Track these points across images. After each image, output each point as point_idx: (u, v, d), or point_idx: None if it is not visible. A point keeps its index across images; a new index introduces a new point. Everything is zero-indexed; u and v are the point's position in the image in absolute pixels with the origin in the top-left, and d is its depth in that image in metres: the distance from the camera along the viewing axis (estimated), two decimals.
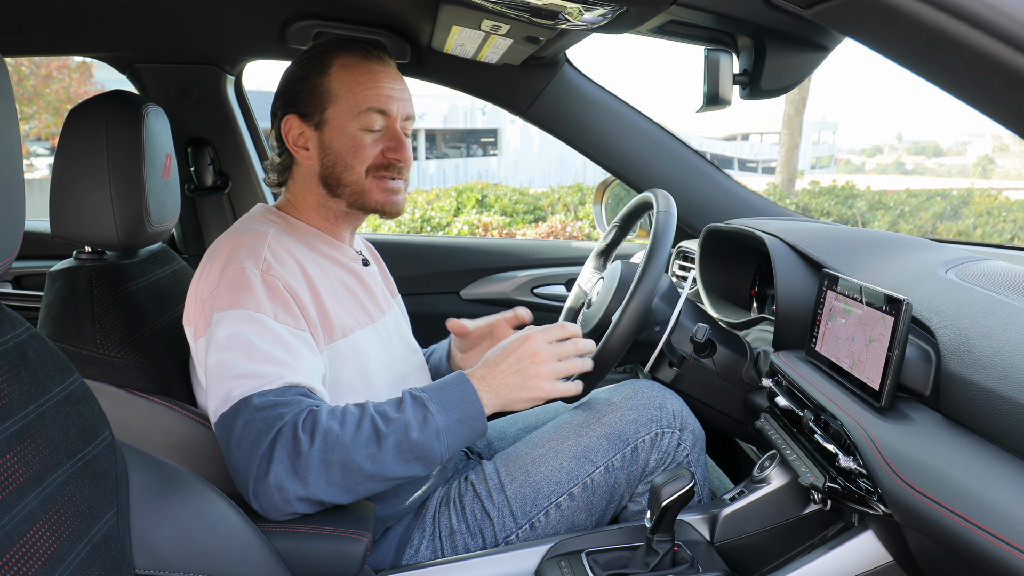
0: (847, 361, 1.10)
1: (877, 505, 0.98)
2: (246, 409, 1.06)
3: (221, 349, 1.11)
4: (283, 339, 1.12)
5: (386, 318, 1.42)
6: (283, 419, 1.04)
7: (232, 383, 1.08)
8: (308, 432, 1.04)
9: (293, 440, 1.03)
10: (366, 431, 1.06)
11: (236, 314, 1.12)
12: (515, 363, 1.17)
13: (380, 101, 1.29)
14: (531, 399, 1.17)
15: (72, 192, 1.28)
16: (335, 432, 1.05)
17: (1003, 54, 0.45)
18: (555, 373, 1.18)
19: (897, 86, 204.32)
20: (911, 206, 9.91)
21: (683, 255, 2.05)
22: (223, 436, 1.08)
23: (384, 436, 1.07)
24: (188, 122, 2.26)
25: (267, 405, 1.05)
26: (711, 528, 1.31)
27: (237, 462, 1.05)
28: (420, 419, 1.09)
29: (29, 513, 0.73)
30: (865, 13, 0.49)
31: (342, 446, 1.04)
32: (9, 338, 0.79)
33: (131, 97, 1.34)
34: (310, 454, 1.03)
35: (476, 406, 1.14)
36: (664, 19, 1.33)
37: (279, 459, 1.02)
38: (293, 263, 1.22)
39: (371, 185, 1.31)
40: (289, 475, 1.02)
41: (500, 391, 1.16)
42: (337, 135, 1.29)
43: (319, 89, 1.29)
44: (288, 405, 1.06)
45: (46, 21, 1.76)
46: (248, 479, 1.04)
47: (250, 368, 1.08)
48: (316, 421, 1.05)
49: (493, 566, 1.25)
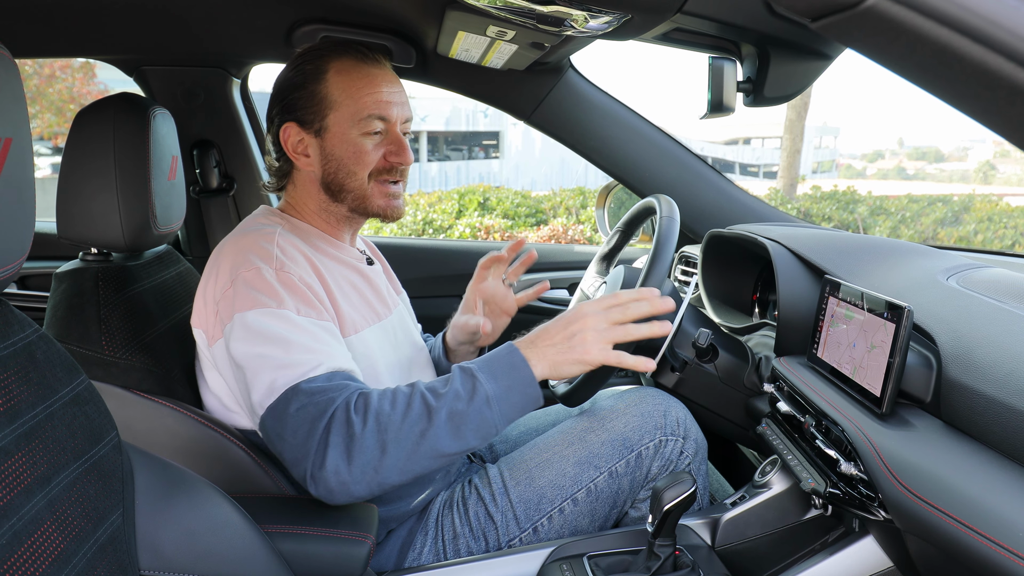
0: (848, 367, 1.11)
1: (878, 511, 0.98)
2: (296, 396, 1.05)
3: (253, 346, 1.10)
4: (311, 331, 1.13)
5: (392, 316, 1.42)
6: (335, 403, 1.05)
7: (275, 374, 1.07)
8: (361, 414, 1.04)
9: (347, 423, 1.03)
10: (416, 408, 1.06)
11: (260, 312, 1.12)
12: (564, 326, 1.14)
13: (380, 107, 1.29)
14: (578, 360, 1.11)
15: (79, 194, 1.29)
16: (386, 412, 1.04)
17: (1004, 68, 0.46)
18: (605, 337, 1.12)
19: (899, 92, 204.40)
20: (912, 211, 9.91)
21: (685, 260, 2.06)
22: (274, 426, 1.07)
23: (435, 411, 1.05)
24: (194, 124, 2.27)
25: (317, 391, 1.06)
26: (712, 532, 1.31)
27: (293, 450, 1.05)
28: (469, 389, 1.08)
29: (36, 514, 0.74)
30: (869, 27, 0.50)
31: (394, 425, 1.04)
32: (18, 339, 0.80)
33: (138, 100, 1.35)
34: (364, 436, 1.03)
35: (526, 371, 1.10)
36: (669, 27, 1.34)
37: (334, 443, 1.02)
38: (303, 259, 1.23)
39: (373, 190, 1.32)
40: (344, 460, 1.02)
41: (547, 353, 1.12)
42: (339, 142, 1.29)
43: (317, 96, 1.29)
44: (338, 390, 1.06)
45: (54, 23, 1.77)
46: (306, 466, 1.03)
47: (289, 359, 1.08)
48: (368, 403, 1.05)
49: (495, 569, 1.26)
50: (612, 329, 1.13)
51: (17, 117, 0.74)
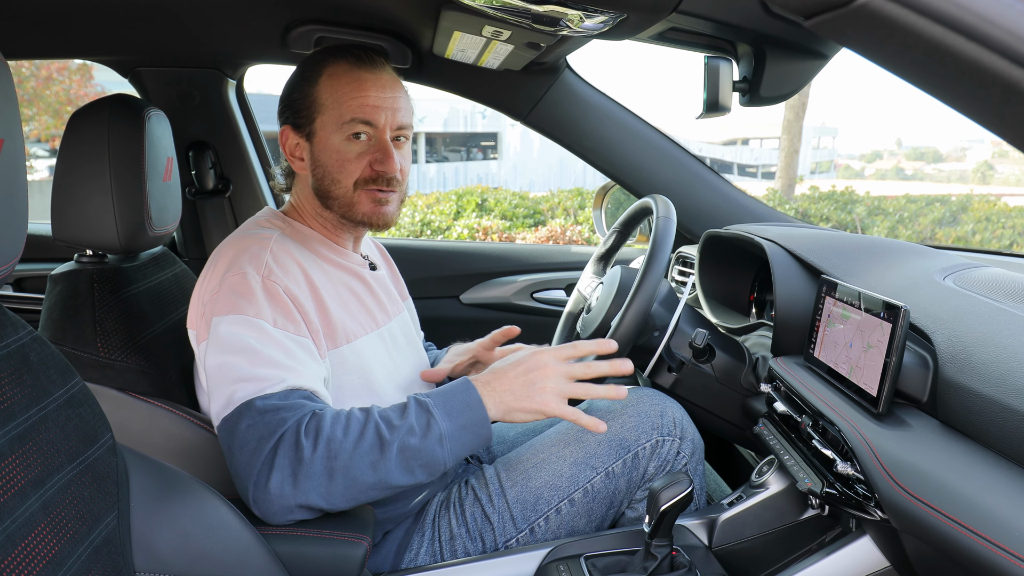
0: (845, 367, 1.11)
1: (874, 511, 0.98)
2: (248, 413, 1.05)
3: (222, 353, 1.10)
4: (283, 344, 1.12)
5: (392, 323, 1.42)
6: (286, 424, 1.04)
7: (235, 386, 1.07)
8: (311, 438, 1.03)
9: (295, 447, 1.03)
10: (369, 438, 1.05)
11: (235, 319, 1.12)
12: (523, 373, 1.15)
13: (364, 111, 1.26)
14: (533, 410, 1.13)
15: (74, 195, 1.29)
16: (338, 439, 1.04)
17: (999, 66, 0.46)
18: (563, 391, 1.14)
19: (897, 92, 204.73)
20: (910, 212, 9.92)
21: (682, 260, 2.06)
22: (225, 440, 1.07)
23: (388, 443, 1.05)
24: (189, 126, 2.27)
25: (270, 409, 1.05)
26: (709, 533, 1.31)
27: (239, 466, 1.05)
28: (424, 424, 1.08)
29: (31, 516, 0.73)
30: (863, 25, 0.50)
31: (345, 453, 1.03)
32: (11, 341, 0.80)
33: (133, 101, 1.35)
34: (312, 461, 1.02)
35: (480, 412, 1.11)
36: (664, 26, 1.34)
37: (280, 466, 1.02)
38: (296, 268, 1.22)
39: (360, 197, 1.29)
40: (290, 483, 1.02)
41: (504, 397, 1.13)
42: (324, 148, 1.28)
43: (309, 99, 1.27)
44: (291, 409, 1.05)
45: (49, 24, 1.77)
46: (248, 485, 1.03)
47: (252, 372, 1.08)
48: (320, 427, 1.04)
49: (492, 570, 1.25)
50: (572, 385, 1.15)
51: (9, 118, 0.74)
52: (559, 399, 1.14)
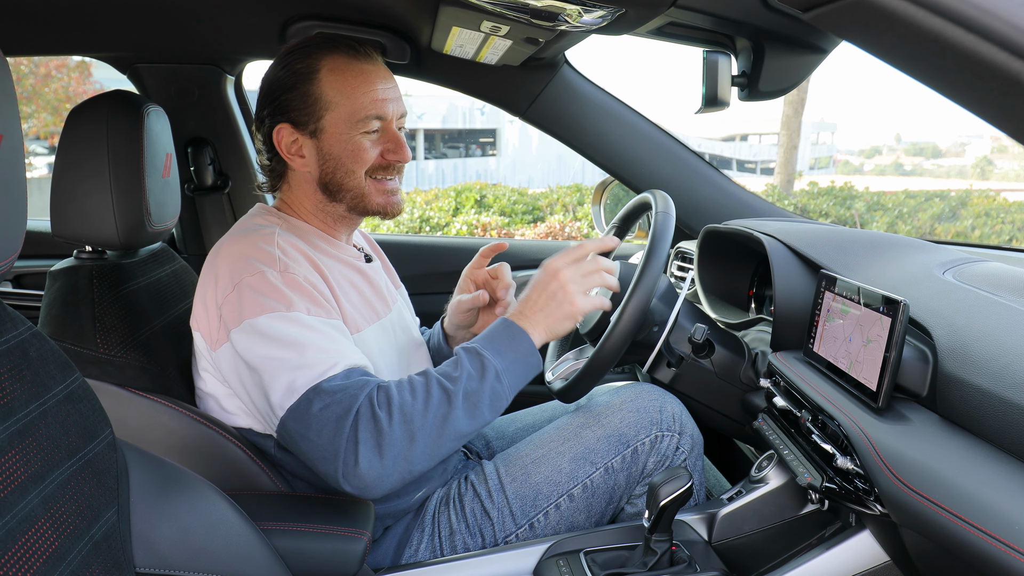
0: (845, 362, 1.11)
1: (874, 505, 0.98)
2: (318, 396, 1.08)
3: (268, 349, 1.12)
4: (323, 330, 1.14)
5: (392, 313, 1.42)
6: (358, 400, 1.07)
7: (293, 374, 1.09)
8: (385, 409, 1.07)
9: (373, 419, 1.06)
10: (436, 395, 1.10)
11: (271, 317, 1.13)
12: (544, 289, 1.22)
13: (377, 106, 1.27)
14: (568, 316, 1.21)
15: (73, 192, 1.29)
16: (409, 403, 1.09)
17: (998, 58, 0.46)
18: (583, 287, 1.23)
19: (896, 87, 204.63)
20: (909, 207, 9.92)
21: (681, 256, 2.05)
22: (296, 428, 1.09)
23: (453, 394, 1.11)
24: (188, 122, 2.26)
25: (338, 389, 1.08)
26: (709, 528, 1.31)
27: (322, 450, 1.07)
28: (479, 367, 1.14)
29: (31, 511, 0.73)
30: (862, 17, 0.50)
31: (419, 414, 1.08)
32: (11, 337, 0.80)
33: (132, 97, 1.35)
34: (392, 430, 1.06)
35: (526, 342, 1.19)
36: (663, 21, 1.34)
37: (364, 440, 1.05)
38: (304, 259, 1.23)
39: (371, 188, 1.31)
40: (376, 455, 1.05)
41: (538, 318, 1.21)
42: (336, 142, 1.28)
43: (311, 97, 1.27)
44: (358, 387, 1.09)
45: (47, 21, 1.77)
46: (337, 465, 1.06)
47: (305, 360, 1.10)
48: (390, 396, 1.09)
49: (491, 565, 1.26)
50: (588, 279, 1.24)
51: (8, 114, 0.74)
52: (583, 296, 1.22)
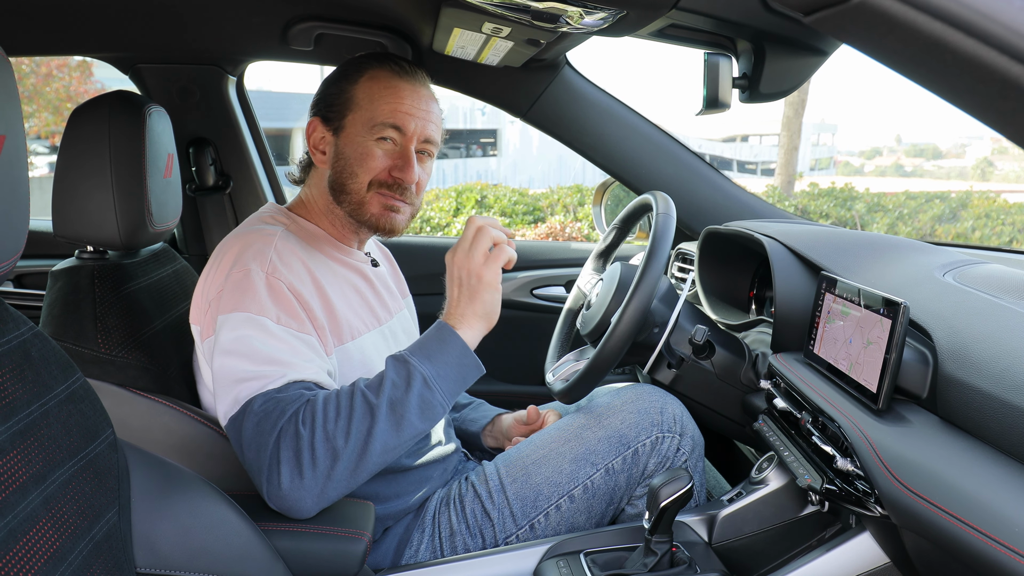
0: (845, 363, 1.11)
1: (874, 507, 0.98)
2: (252, 410, 1.07)
3: (226, 353, 1.12)
4: (286, 341, 1.13)
5: (393, 321, 1.42)
6: (285, 415, 1.05)
7: (239, 386, 1.09)
8: (308, 427, 1.05)
9: (296, 437, 1.04)
10: (359, 409, 1.07)
11: (239, 317, 1.13)
12: (458, 284, 1.20)
13: (396, 117, 1.29)
14: (487, 288, 1.19)
15: (74, 192, 1.29)
16: (332, 419, 1.05)
17: (997, 62, 0.46)
18: (478, 256, 1.20)
19: (896, 88, 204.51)
20: (910, 208, 9.92)
21: (682, 257, 2.06)
22: (235, 438, 1.09)
23: (376, 407, 1.07)
24: (190, 122, 2.27)
25: (270, 403, 1.07)
26: (709, 529, 1.31)
27: (249, 465, 1.07)
28: (404, 375, 1.11)
29: (32, 511, 0.74)
30: (863, 21, 0.50)
31: (341, 431, 1.05)
32: (13, 337, 0.80)
33: (133, 97, 1.35)
34: (313, 447, 1.03)
35: (456, 342, 1.15)
36: (664, 23, 1.34)
37: (285, 459, 1.03)
38: (299, 265, 1.23)
39: (371, 198, 1.31)
40: (298, 474, 1.03)
41: (467, 311, 1.19)
42: (350, 143, 1.30)
43: (344, 96, 1.31)
44: (290, 401, 1.07)
45: (49, 21, 1.77)
46: (261, 482, 1.05)
47: (254, 370, 1.09)
48: (313, 412, 1.06)
49: (492, 566, 1.26)
50: (474, 245, 1.21)
51: (11, 115, 0.74)
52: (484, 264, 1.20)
